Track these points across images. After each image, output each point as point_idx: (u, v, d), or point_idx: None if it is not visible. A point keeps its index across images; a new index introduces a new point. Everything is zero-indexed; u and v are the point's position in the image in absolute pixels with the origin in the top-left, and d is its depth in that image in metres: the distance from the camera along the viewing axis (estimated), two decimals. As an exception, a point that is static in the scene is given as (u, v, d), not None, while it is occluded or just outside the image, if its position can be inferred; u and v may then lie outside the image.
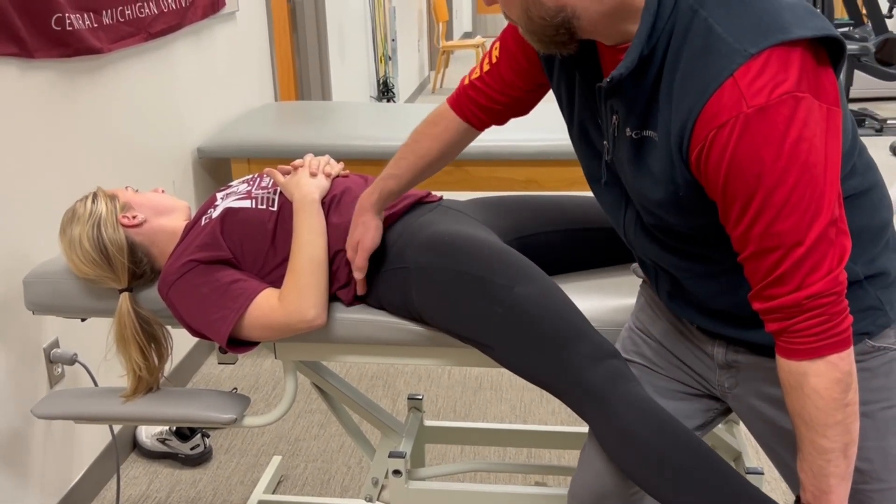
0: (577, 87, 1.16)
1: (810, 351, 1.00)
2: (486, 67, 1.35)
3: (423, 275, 1.43)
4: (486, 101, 1.36)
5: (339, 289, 1.53)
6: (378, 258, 1.50)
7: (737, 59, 0.92)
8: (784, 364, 1.03)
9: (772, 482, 2.25)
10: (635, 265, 1.43)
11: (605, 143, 1.15)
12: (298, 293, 1.45)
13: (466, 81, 1.38)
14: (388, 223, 1.53)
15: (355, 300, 1.53)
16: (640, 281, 1.54)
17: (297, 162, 1.62)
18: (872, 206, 1.10)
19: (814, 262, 0.97)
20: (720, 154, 0.94)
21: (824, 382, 1.00)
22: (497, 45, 1.32)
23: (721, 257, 1.11)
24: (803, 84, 0.91)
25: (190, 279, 1.49)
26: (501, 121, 1.40)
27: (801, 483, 1.09)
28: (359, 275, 1.47)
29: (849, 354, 1.01)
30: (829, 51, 0.95)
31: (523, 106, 1.37)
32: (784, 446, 1.23)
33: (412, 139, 1.45)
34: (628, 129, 1.07)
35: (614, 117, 1.09)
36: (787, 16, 0.93)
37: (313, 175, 1.57)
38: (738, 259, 1.03)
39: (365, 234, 1.46)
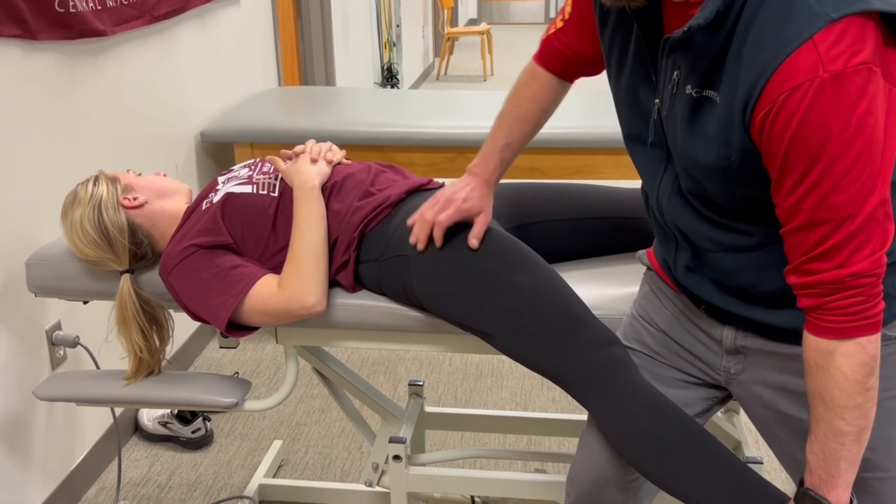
0: (633, 42, 1.16)
1: (842, 330, 1.00)
2: (559, 24, 1.36)
3: (422, 263, 1.43)
4: (567, 52, 1.36)
5: (338, 271, 1.53)
6: (379, 245, 1.49)
7: (818, 21, 0.91)
8: (812, 341, 1.03)
9: (771, 472, 2.26)
10: (641, 252, 1.42)
11: (656, 101, 1.14)
12: (298, 279, 1.45)
13: (545, 36, 1.39)
14: (389, 210, 1.53)
15: (356, 285, 1.53)
16: (642, 269, 1.54)
17: (299, 148, 1.62)
18: None
19: (861, 241, 0.97)
20: (789, 117, 0.94)
21: (851, 364, 1.01)
22: (569, 0, 1.33)
23: (753, 231, 1.11)
24: (877, 58, 0.91)
25: (190, 263, 1.49)
26: (592, 72, 1.39)
27: (809, 466, 1.09)
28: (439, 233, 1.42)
29: (877, 339, 1.01)
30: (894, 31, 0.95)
31: (596, 63, 1.36)
32: (786, 432, 1.23)
33: (513, 105, 1.44)
34: (689, 87, 1.06)
35: (675, 73, 1.08)
36: None
37: (314, 161, 1.57)
38: (782, 231, 1.02)
39: (485, 209, 1.43)
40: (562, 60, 1.39)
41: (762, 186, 1.04)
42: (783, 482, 2.23)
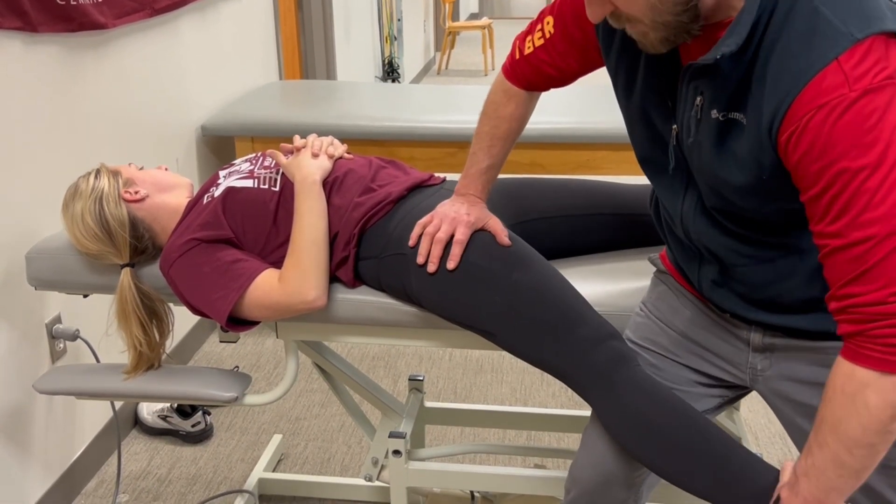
0: (643, 68, 1.14)
1: (883, 362, 0.94)
2: (538, 42, 1.33)
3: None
4: (550, 70, 1.35)
5: (338, 267, 1.53)
6: (379, 242, 1.49)
7: (843, 42, 0.91)
8: (846, 367, 0.98)
9: (770, 468, 2.26)
10: (654, 256, 1.42)
11: (673, 126, 1.13)
12: (299, 274, 1.45)
13: (518, 56, 1.37)
14: (389, 207, 1.52)
15: (356, 281, 1.53)
16: (646, 266, 1.53)
17: (300, 142, 1.61)
18: None
19: None
20: (815, 135, 0.93)
21: (880, 402, 0.95)
22: (549, 19, 1.30)
23: (784, 241, 1.11)
24: None
25: (191, 258, 1.49)
26: (564, 84, 1.39)
27: (795, 485, 1.07)
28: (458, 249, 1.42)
29: None
30: None
31: (580, 74, 1.36)
32: (812, 424, 1.21)
33: (491, 126, 1.44)
34: (714, 111, 1.04)
35: (699, 98, 1.06)
36: (884, 7, 0.93)
37: (315, 156, 1.57)
38: (820, 256, 0.99)
39: (490, 217, 1.44)
40: (542, 78, 1.37)
41: (796, 197, 1.02)
42: (782, 479, 2.23)
